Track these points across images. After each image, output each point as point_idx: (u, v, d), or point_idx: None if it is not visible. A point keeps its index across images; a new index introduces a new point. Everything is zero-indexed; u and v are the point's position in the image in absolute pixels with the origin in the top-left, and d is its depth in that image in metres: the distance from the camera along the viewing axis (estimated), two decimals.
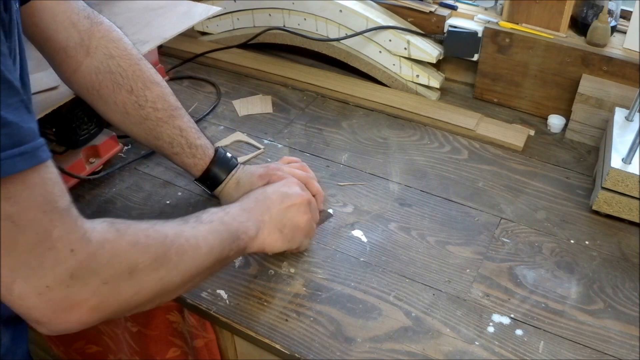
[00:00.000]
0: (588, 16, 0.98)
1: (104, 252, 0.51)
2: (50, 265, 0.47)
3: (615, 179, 0.79)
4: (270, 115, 1.05)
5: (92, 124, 0.85)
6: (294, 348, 0.66)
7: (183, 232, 0.59)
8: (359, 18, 1.07)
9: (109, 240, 0.51)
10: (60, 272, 0.48)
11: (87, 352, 1.00)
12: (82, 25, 0.72)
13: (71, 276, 0.48)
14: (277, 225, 0.70)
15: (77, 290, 0.49)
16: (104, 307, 0.51)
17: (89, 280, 0.49)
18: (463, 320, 0.69)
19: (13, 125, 0.44)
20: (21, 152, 0.44)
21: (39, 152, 0.46)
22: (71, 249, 0.48)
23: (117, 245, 0.52)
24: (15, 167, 0.44)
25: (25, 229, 0.46)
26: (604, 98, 0.93)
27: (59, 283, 0.48)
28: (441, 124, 1.02)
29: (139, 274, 0.53)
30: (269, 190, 0.73)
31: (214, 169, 0.80)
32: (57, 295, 0.48)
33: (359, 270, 0.75)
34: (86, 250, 0.49)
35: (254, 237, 0.67)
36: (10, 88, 0.45)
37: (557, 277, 0.75)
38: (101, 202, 0.85)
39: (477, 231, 0.81)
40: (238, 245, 0.65)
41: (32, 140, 0.46)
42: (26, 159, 0.45)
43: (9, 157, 0.44)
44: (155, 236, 0.56)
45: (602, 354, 0.66)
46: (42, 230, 0.47)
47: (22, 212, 0.46)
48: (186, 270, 0.58)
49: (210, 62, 1.20)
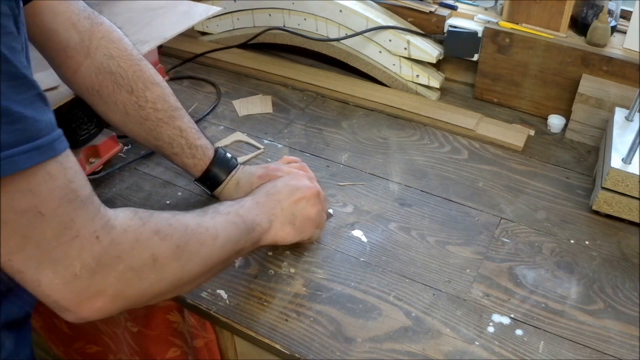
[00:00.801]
0: (588, 16, 0.98)
1: (128, 238, 0.52)
2: (76, 253, 0.48)
3: (615, 179, 0.79)
4: (270, 115, 1.05)
5: (92, 124, 0.85)
6: (294, 348, 0.66)
7: (203, 222, 0.61)
8: (359, 18, 1.07)
9: (132, 227, 0.52)
10: (86, 259, 0.48)
11: (87, 352, 1.00)
12: (82, 26, 0.72)
13: (97, 263, 0.49)
14: (289, 217, 0.71)
15: (102, 276, 0.50)
16: (127, 294, 0.52)
17: (114, 266, 0.50)
18: (463, 320, 0.69)
19: (28, 119, 0.44)
20: (37, 146, 0.45)
21: (56, 144, 0.47)
22: (96, 236, 0.49)
23: (140, 233, 0.53)
24: (31, 161, 0.45)
25: (49, 220, 0.46)
26: (604, 98, 0.93)
27: (86, 270, 0.49)
28: (441, 124, 1.02)
29: (162, 261, 0.54)
30: (279, 184, 0.74)
31: (214, 169, 0.80)
32: (84, 282, 0.49)
33: (359, 270, 0.75)
34: (110, 237, 0.50)
35: (267, 230, 0.69)
36: (25, 83, 0.45)
37: (557, 277, 0.75)
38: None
39: (477, 231, 0.81)
40: (253, 237, 0.67)
41: (49, 133, 0.46)
42: (43, 152, 0.45)
43: (25, 152, 0.44)
44: (177, 225, 0.57)
45: (602, 354, 0.66)
46: (66, 220, 0.47)
47: (44, 202, 0.46)
48: (206, 260, 0.59)
49: (210, 62, 1.20)
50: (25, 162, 0.44)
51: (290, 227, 0.71)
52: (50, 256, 0.47)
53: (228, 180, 0.81)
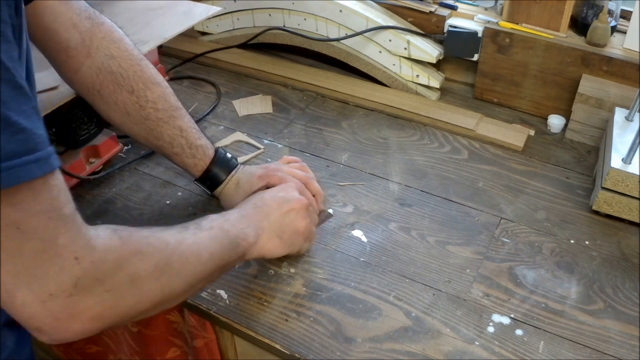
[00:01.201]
0: (588, 16, 0.98)
1: (107, 260, 0.50)
2: (55, 272, 0.47)
3: (615, 179, 0.79)
4: (270, 115, 1.05)
5: (92, 124, 0.85)
6: (294, 348, 0.66)
7: (184, 239, 0.59)
8: (359, 18, 1.07)
9: (112, 248, 0.51)
10: (64, 279, 0.47)
11: (87, 352, 1.00)
12: (83, 26, 0.72)
13: (75, 284, 0.48)
14: (276, 231, 0.69)
15: (80, 298, 0.48)
16: (106, 315, 0.51)
17: (92, 289, 0.49)
18: (463, 320, 0.69)
19: (27, 131, 0.44)
20: (37, 159, 0.44)
21: (52, 160, 0.46)
22: (75, 256, 0.48)
23: (120, 254, 0.52)
24: (31, 174, 0.44)
25: (30, 236, 0.45)
26: (604, 98, 0.93)
27: (63, 291, 0.47)
28: (441, 124, 1.02)
29: (141, 282, 0.53)
30: (266, 196, 0.72)
31: (214, 169, 0.80)
32: (60, 303, 0.47)
33: (359, 270, 0.75)
34: (90, 258, 0.49)
35: (253, 244, 0.67)
36: (24, 94, 0.44)
37: (557, 277, 0.75)
38: (101, 202, 0.85)
39: (477, 231, 0.81)
40: (237, 252, 0.65)
41: (45, 147, 0.45)
42: (41, 165, 0.45)
43: (24, 164, 0.43)
44: (156, 244, 0.56)
45: (602, 354, 0.66)
46: (47, 237, 0.46)
47: (27, 218, 0.45)
48: (188, 277, 0.58)
49: (210, 62, 1.20)
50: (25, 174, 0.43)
51: (278, 240, 0.69)
52: (28, 273, 0.46)
53: (228, 180, 0.81)
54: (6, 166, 0.42)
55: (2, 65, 0.42)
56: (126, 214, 0.83)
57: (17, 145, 0.43)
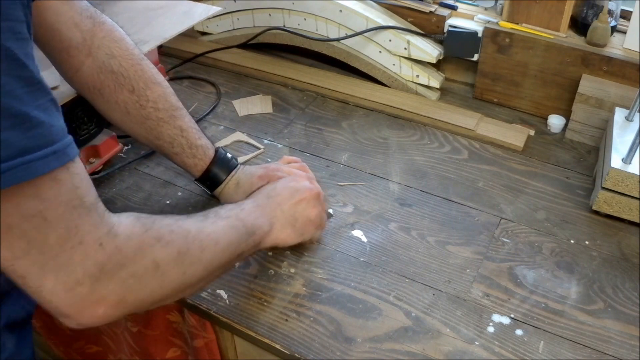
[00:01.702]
0: (588, 16, 0.98)
1: (131, 245, 0.52)
2: (80, 260, 0.48)
3: (615, 179, 0.79)
4: (270, 115, 1.05)
5: (92, 124, 0.85)
6: (294, 348, 0.66)
7: (204, 227, 0.61)
8: (359, 18, 1.07)
9: (135, 234, 0.53)
10: (89, 266, 0.49)
11: (87, 352, 1.00)
12: (84, 25, 0.72)
13: (100, 270, 0.49)
14: (289, 220, 0.71)
15: (105, 283, 0.50)
16: (129, 300, 0.52)
17: (116, 273, 0.50)
18: (463, 320, 0.69)
19: (45, 124, 0.45)
20: (54, 151, 0.45)
21: (69, 150, 0.47)
22: (100, 243, 0.49)
23: (143, 240, 0.53)
24: (48, 166, 0.45)
25: (54, 225, 0.47)
26: (604, 98, 0.93)
27: (89, 277, 0.49)
28: (441, 124, 1.02)
29: (163, 268, 0.54)
30: (279, 186, 0.74)
31: (214, 169, 0.80)
32: (85, 289, 0.49)
33: (359, 270, 0.75)
34: (114, 244, 0.50)
35: (267, 232, 0.69)
36: (41, 89, 0.46)
37: (557, 277, 0.75)
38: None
39: (477, 231, 0.81)
40: (254, 241, 0.67)
41: (63, 138, 0.47)
42: (58, 157, 0.46)
43: (43, 157, 0.44)
44: (178, 231, 0.57)
45: (602, 354, 0.66)
46: (71, 226, 0.48)
47: (51, 208, 0.46)
48: (207, 265, 0.60)
49: (210, 62, 1.20)
50: (42, 167, 0.45)
51: (291, 229, 0.71)
52: (54, 262, 0.47)
53: (228, 180, 0.81)
54: (23, 160, 0.43)
55: (18, 62, 0.43)
56: None
57: (34, 140, 0.44)
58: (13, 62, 0.43)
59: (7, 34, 0.42)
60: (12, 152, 0.42)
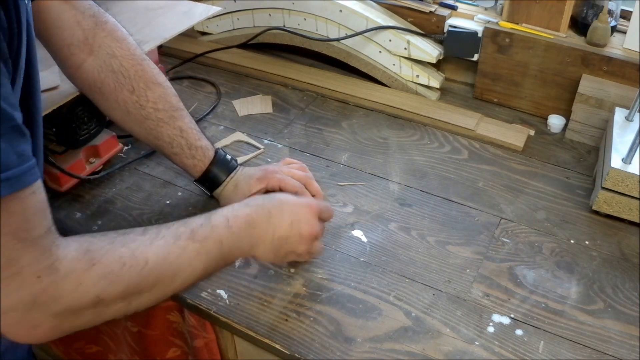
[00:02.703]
0: (588, 16, 0.98)
1: (69, 281, 0.51)
2: (15, 288, 0.48)
3: (615, 179, 0.79)
4: (270, 115, 1.05)
5: (92, 124, 0.85)
6: (294, 348, 0.66)
7: (168, 254, 0.57)
8: (359, 18, 1.07)
9: (76, 270, 0.52)
10: (24, 295, 0.49)
11: (87, 352, 1.00)
12: (86, 24, 0.72)
13: (34, 300, 0.49)
14: (275, 246, 0.67)
15: (37, 314, 0.50)
16: (65, 327, 0.53)
17: (49, 306, 0.50)
18: (463, 320, 0.69)
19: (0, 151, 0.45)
20: (6, 178, 0.45)
21: (25, 177, 0.47)
22: (38, 275, 0.49)
23: (85, 276, 0.52)
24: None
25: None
26: (604, 98, 0.93)
27: (22, 305, 0.49)
28: (441, 124, 1.02)
29: (105, 303, 0.54)
30: (285, 208, 0.68)
31: (214, 170, 0.80)
32: (18, 316, 0.50)
33: (359, 270, 0.75)
34: (51, 278, 0.50)
35: (246, 253, 0.66)
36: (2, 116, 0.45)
37: (557, 277, 0.75)
38: (101, 202, 0.85)
39: (477, 231, 0.81)
40: (226, 262, 0.65)
41: (18, 165, 0.46)
42: (11, 184, 0.46)
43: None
44: (132, 264, 0.55)
45: (602, 354, 0.66)
46: (12, 256, 0.48)
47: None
48: (158, 295, 0.58)
49: (210, 62, 1.20)
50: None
51: (272, 254, 0.67)
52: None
53: (227, 181, 0.81)
54: None
55: None
56: (126, 214, 0.83)
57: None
58: None
59: None
60: None
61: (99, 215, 0.83)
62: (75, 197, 0.86)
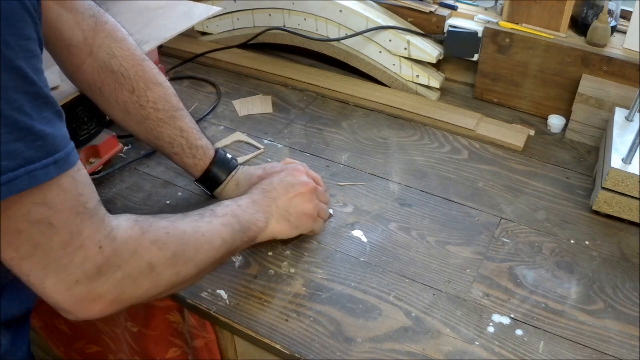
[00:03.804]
0: (588, 16, 0.98)
1: (127, 248, 0.55)
2: (80, 261, 0.51)
3: (615, 179, 0.79)
4: (270, 115, 1.05)
5: (92, 124, 0.85)
6: (294, 348, 0.66)
7: (200, 227, 0.64)
8: (359, 18, 1.07)
9: (132, 237, 0.56)
10: (88, 267, 0.52)
11: (87, 352, 1.00)
12: (86, 24, 0.72)
13: (98, 271, 0.52)
14: (284, 214, 0.73)
15: (101, 283, 0.53)
16: (124, 298, 0.56)
17: (112, 275, 0.54)
18: (463, 320, 0.69)
19: (48, 136, 0.47)
20: (55, 160, 0.48)
21: (70, 157, 0.50)
22: (99, 245, 0.52)
23: (140, 242, 0.56)
24: (49, 175, 0.48)
25: (59, 230, 0.50)
26: (604, 98, 0.93)
27: (87, 278, 0.52)
28: (441, 124, 1.02)
29: (158, 269, 0.58)
30: (275, 180, 0.76)
31: (214, 169, 0.81)
32: (83, 289, 0.52)
33: (359, 270, 0.75)
34: (111, 247, 0.53)
35: (263, 227, 0.71)
36: (47, 102, 0.48)
37: (557, 277, 0.75)
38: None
39: (477, 231, 0.81)
40: (249, 236, 0.69)
41: (65, 147, 0.49)
42: (59, 165, 0.49)
43: (44, 167, 0.47)
44: (174, 233, 0.60)
45: (602, 354, 0.66)
46: (74, 230, 0.51)
47: (57, 214, 0.49)
48: (201, 263, 0.63)
49: (210, 62, 1.20)
50: (44, 175, 0.47)
51: (286, 223, 0.73)
52: (56, 263, 0.50)
53: (228, 180, 0.81)
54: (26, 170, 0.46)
55: (28, 79, 0.46)
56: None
57: (37, 150, 0.47)
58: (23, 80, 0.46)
59: (19, 53, 0.45)
60: (17, 162, 0.45)
61: None
62: None
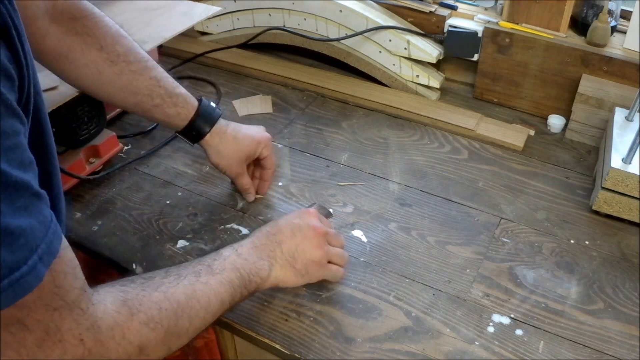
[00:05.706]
0: (588, 16, 0.98)
1: (115, 335, 0.50)
2: (59, 355, 0.46)
3: (615, 179, 0.79)
4: (270, 115, 1.05)
5: (92, 124, 0.85)
6: (294, 348, 0.66)
7: (195, 292, 0.58)
8: (359, 18, 1.07)
9: (119, 323, 0.50)
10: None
11: None
12: (47, 1, 0.70)
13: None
14: (289, 260, 0.67)
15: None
16: None
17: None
18: (463, 320, 0.69)
19: (27, 231, 0.41)
20: (40, 257, 0.42)
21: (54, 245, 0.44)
22: (80, 339, 0.47)
23: (129, 326, 0.51)
24: (38, 277, 0.42)
25: (33, 329, 0.44)
26: (604, 98, 0.93)
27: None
28: (441, 124, 1.02)
29: (149, 350, 0.53)
30: (281, 222, 0.70)
31: (198, 120, 0.79)
32: None
33: (359, 270, 0.75)
34: (95, 338, 0.48)
35: (266, 277, 0.66)
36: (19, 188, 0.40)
37: (557, 277, 0.75)
38: (101, 202, 0.85)
39: (477, 231, 0.81)
40: (249, 289, 0.64)
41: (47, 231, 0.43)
42: (45, 261, 0.42)
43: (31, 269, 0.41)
44: (167, 307, 0.55)
45: (602, 354, 0.66)
46: (50, 327, 0.45)
47: (30, 314, 0.44)
48: (194, 332, 0.58)
49: (210, 62, 1.20)
50: (33, 281, 0.42)
51: (291, 270, 0.68)
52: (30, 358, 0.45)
53: (216, 128, 0.80)
54: (15, 278, 0.40)
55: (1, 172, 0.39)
56: (126, 214, 0.83)
57: (21, 252, 0.40)
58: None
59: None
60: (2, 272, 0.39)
61: (99, 216, 0.83)
62: (75, 197, 0.86)
